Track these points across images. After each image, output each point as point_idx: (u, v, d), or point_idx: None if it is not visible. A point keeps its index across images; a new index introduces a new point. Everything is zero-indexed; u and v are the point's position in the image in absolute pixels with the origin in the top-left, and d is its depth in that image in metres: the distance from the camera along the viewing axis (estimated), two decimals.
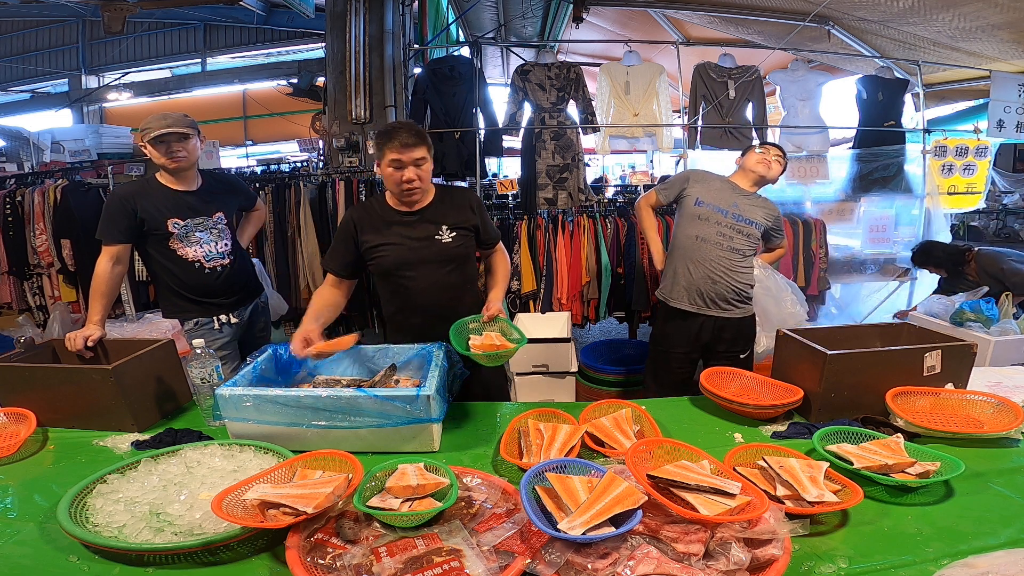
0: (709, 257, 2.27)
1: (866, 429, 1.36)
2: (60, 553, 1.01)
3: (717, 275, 2.26)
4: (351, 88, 3.73)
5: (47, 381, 1.54)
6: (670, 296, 2.36)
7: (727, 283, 2.27)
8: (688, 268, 2.29)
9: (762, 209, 2.33)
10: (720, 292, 2.27)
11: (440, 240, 1.76)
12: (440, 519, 1.03)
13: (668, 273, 2.39)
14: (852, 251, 4.13)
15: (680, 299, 2.32)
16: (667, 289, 2.38)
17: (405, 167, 1.65)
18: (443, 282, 1.78)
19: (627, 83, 3.85)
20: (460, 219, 1.79)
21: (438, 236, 1.76)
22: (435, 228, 1.76)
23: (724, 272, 2.27)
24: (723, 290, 2.27)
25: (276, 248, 3.49)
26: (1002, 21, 3.48)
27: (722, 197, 2.30)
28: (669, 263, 2.39)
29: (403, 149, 1.63)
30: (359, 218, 1.79)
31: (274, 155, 8.41)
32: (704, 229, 2.28)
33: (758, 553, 0.91)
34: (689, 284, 2.29)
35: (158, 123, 1.92)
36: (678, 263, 2.33)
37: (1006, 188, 9.20)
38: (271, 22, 7.81)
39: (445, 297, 1.78)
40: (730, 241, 2.27)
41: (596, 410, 1.51)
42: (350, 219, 1.80)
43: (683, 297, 2.31)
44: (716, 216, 2.27)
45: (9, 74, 8.68)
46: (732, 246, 2.27)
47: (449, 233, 1.77)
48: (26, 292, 3.88)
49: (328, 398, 1.32)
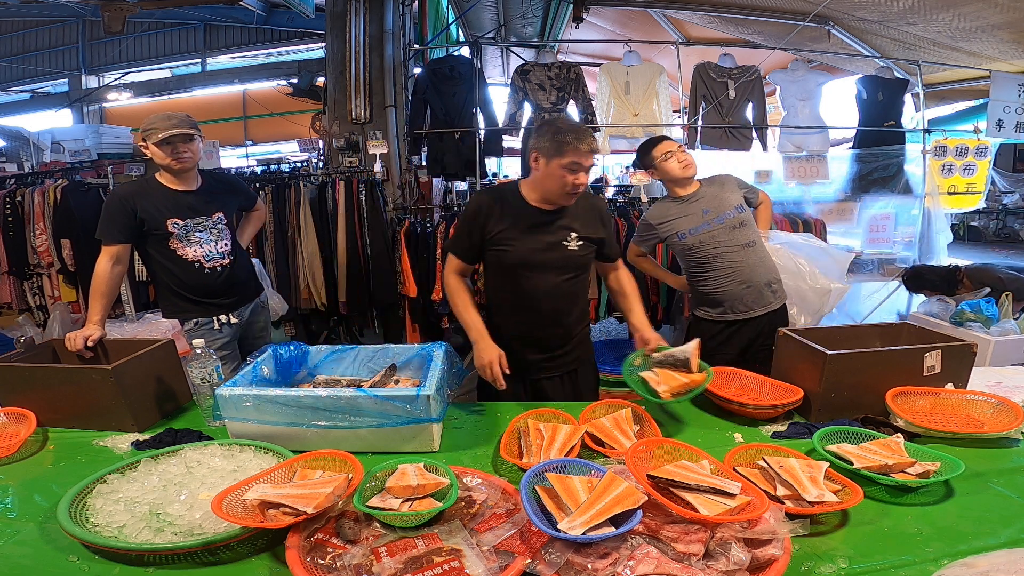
0: (732, 264, 2.27)
1: (866, 429, 1.36)
2: (60, 553, 1.01)
3: (746, 278, 2.27)
4: (351, 88, 3.73)
5: (47, 381, 1.54)
6: (714, 312, 2.34)
7: (760, 276, 2.28)
8: (721, 283, 2.28)
9: (721, 190, 2.32)
10: (758, 288, 2.28)
11: (567, 247, 1.73)
12: (440, 519, 1.03)
13: (699, 294, 2.38)
14: (852, 251, 4.13)
15: (727, 311, 2.31)
16: (709, 306, 2.35)
17: (581, 171, 1.61)
18: (560, 288, 1.75)
19: (627, 83, 3.85)
20: (588, 229, 1.75)
21: (565, 242, 1.72)
22: (565, 233, 1.73)
23: (752, 268, 2.27)
24: (760, 285, 2.28)
25: (276, 248, 3.49)
26: (1002, 21, 3.48)
27: (692, 217, 2.28)
28: (698, 285, 2.36)
29: (589, 155, 1.60)
30: (489, 205, 1.74)
31: (274, 155, 8.40)
32: (706, 250, 2.28)
33: (758, 553, 0.91)
34: (730, 296, 2.28)
35: (164, 124, 1.92)
36: (710, 283, 2.31)
37: (1006, 188, 9.21)
38: (271, 22, 7.81)
39: (559, 303, 1.77)
40: (737, 239, 2.27)
41: (596, 410, 1.51)
42: (476, 206, 1.76)
43: (729, 309, 2.30)
44: (703, 234, 2.27)
45: (9, 74, 8.68)
46: (742, 242, 2.27)
47: (576, 241, 1.73)
48: (26, 292, 3.88)
49: (328, 398, 1.32)
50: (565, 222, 1.73)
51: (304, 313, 3.62)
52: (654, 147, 2.30)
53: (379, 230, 3.42)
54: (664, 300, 3.66)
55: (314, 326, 3.75)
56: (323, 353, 1.72)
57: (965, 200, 4.25)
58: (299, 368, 1.67)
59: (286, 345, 1.65)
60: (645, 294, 3.57)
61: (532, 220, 1.71)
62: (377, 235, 3.42)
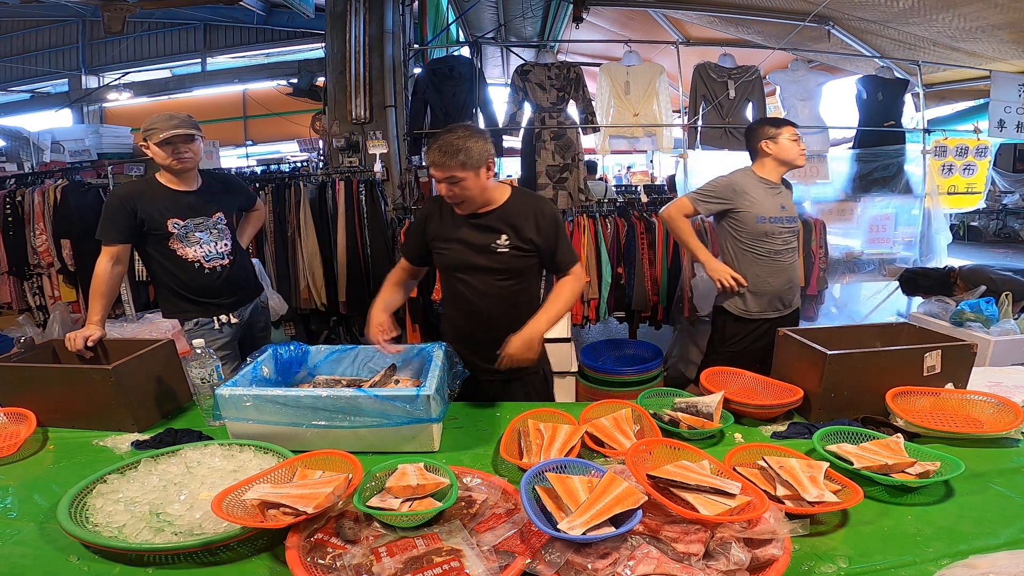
0: (784, 266, 2.28)
1: (866, 429, 1.36)
2: (60, 553, 1.01)
3: (791, 276, 2.31)
4: (351, 88, 3.73)
5: (47, 381, 1.54)
6: (749, 309, 2.31)
7: (797, 279, 2.35)
8: (768, 281, 2.27)
9: (790, 197, 2.35)
10: (795, 288, 2.35)
11: (496, 250, 1.70)
12: (440, 519, 1.03)
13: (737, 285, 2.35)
14: (852, 251, 4.13)
15: (764, 309, 2.30)
16: (746, 303, 2.31)
17: (441, 184, 1.63)
18: (495, 291, 1.74)
19: (627, 83, 3.85)
20: (520, 233, 1.70)
21: (494, 245, 1.70)
22: (494, 236, 1.70)
23: (795, 271, 2.33)
24: (796, 286, 2.35)
25: (276, 248, 3.49)
26: (1002, 21, 3.48)
27: (773, 205, 2.26)
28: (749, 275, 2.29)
29: (435, 169, 1.60)
30: (431, 210, 1.79)
31: (274, 155, 8.40)
32: (773, 243, 2.26)
33: (758, 553, 0.91)
34: (773, 294, 2.29)
35: (166, 124, 1.91)
36: (762, 274, 2.27)
37: (1006, 188, 9.21)
38: (271, 22, 7.80)
39: (495, 307, 1.75)
40: (791, 244, 2.31)
41: (596, 410, 1.51)
42: (424, 209, 1.82)
43: (766, 307, 2.29)
44: (777, 227, 2.26)
45: (9, 74, 8.67)
46: (793, 246, 2.33)
47: (505, 244, 1.70)
48: (26, 292, 3.88)
49: (328, 398, 1.32)
50: (496, 225, 1.70)
51: (304, 313, 3.62)
52: (784, 125, 2.27)
53: (379, 230, 3.42)
54: (664, 300, 3.66)
55: (314, 326, 3.75)
56: (323, 353, 1.73)
57: (965, 200, 4.25)
58: (299, 368, 1.67)
59: (286, 345, 1.65)
60: (645, 294, 3.57)
61: (464, 223, 1.73)
62: (377, 235, 3.42)
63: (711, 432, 1.42)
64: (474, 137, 1.59)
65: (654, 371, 3.13)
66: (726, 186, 2.27)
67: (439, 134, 1.62)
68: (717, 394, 1.52)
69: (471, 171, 1.59)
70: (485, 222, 1.71)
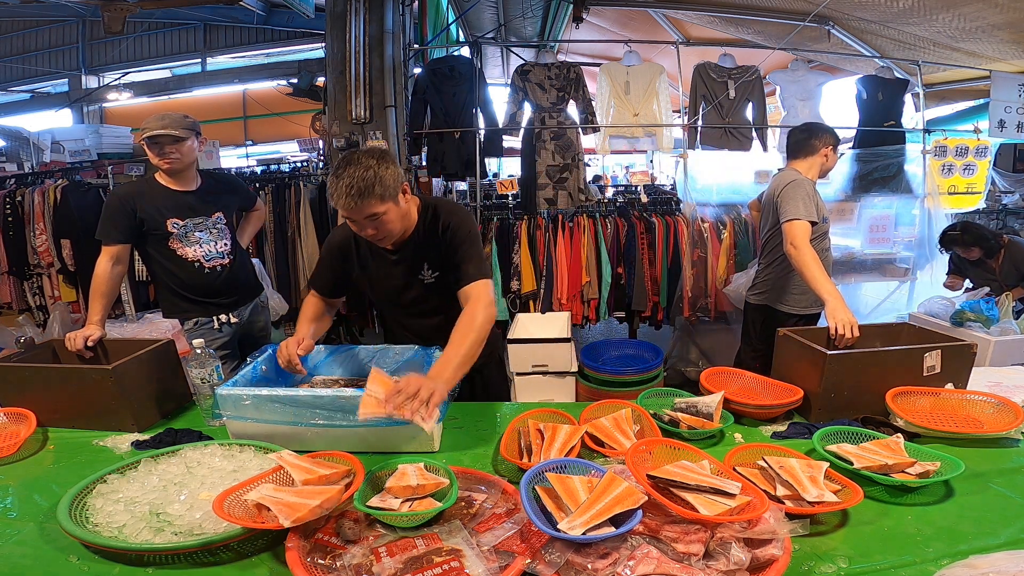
0: (829, 260, 2.36)
1: (866, 429, 1.36)
2: (60, 553, 1.01)
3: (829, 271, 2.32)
4: (351, 88, 3.73)
5: (47, 381, 1.54)
6: (804, 306, 2.37)
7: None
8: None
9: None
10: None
11: (423, 280, 1.63)
12: (440, 519, 1.03)
13: (794, 287, 2.38)
14: (852, 251, 4.13)
15: (812, 303, 2.34)
16: (804, 302, 2.36)
17: (357, 224, 1.46)
18: (440, 316, 1.64)
19: (627, 83, 3.85)
20: (441, 258, 1.59)
21: (421, 275, 1.62)
22: (418, 267, 1.61)
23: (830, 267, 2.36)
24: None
25: (276, 248, 3.49)
26: (1002, 21, 3.48)
27: (823, 209, 2.31)
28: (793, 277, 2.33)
29: (348, 213, 1.43)
30: (344, 245, 1.65)
31: (274, 155, 8.40)
32: (824, 241, 2.34)
33: (758, 553, 0.91)
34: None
35: (154, 123, 1.92)
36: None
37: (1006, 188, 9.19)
38: (271, 22, 7.80)
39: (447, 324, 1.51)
40: (829, 244, 2.37)
41: (596, 410, 1.51)
42: (336, 242, 1.66)
43: (813, 301, 2.32)
44: (826, 226, 2.35)
45: (9, 74, 8.67)
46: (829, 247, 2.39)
47: (432, 273, 1.62)
48: (26, 292, 3.89)
49: (328, 398, 1.32)
50: (417, 255, 1.59)
51: None
52: (840, 143, 2.35)
53: None
54: (664, 300, 3.67)
55: None
56: (323, 353, 1.73)
57: (965, 200, 4.25)
58: None
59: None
60: (645, 294, 3.57)
61: (383, 259, 1.62)
62: None
63: (711, 432, 1.42)
64: (381, 163, 1.41)
65: (654, 371, 3.12)
66: (812, 192, 2.28)
67: (338, 171, 1.39)
68: (717, 394, 1.52)
69: (390, 202, 1.43)
70: (404, 255, 1.60)
